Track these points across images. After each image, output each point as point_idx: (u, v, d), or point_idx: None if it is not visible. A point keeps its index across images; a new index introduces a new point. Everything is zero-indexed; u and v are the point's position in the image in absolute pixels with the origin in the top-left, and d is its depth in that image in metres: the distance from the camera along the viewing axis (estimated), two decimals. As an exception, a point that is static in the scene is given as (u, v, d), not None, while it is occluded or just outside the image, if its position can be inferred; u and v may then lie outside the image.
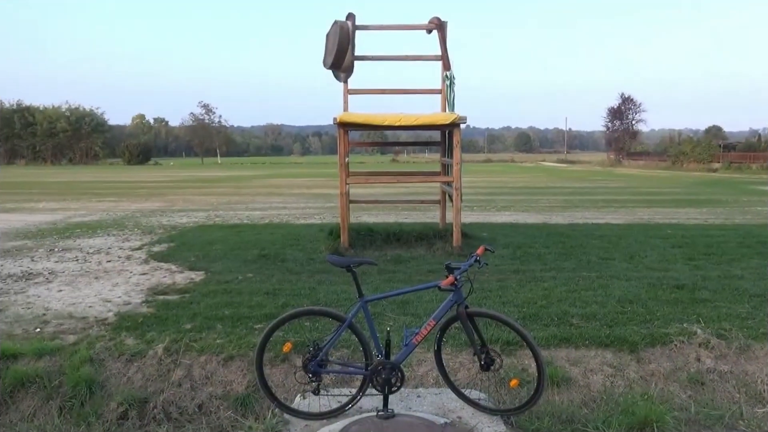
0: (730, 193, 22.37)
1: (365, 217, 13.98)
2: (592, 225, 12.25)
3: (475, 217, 14.12)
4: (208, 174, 45.18)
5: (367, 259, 3.94)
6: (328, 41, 9.28)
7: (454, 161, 8.76)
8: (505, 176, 38.65)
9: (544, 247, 9.37)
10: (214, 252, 9.22)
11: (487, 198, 20.10)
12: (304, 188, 26.66)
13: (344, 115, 8.63)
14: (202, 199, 20.28)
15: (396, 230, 9.62)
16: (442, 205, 10.54)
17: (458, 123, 8.52)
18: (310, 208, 17.03)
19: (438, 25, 9.33)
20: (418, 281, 7.05)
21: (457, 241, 8.82)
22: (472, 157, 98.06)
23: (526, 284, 6.90)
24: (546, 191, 23.68)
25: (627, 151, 66.96)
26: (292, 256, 8.72)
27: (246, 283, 7.14)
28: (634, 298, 6.22)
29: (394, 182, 11.54)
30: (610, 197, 20.24)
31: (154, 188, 26.91)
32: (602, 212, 15.17)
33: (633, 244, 9.67)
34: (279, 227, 12.27)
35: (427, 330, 3.68)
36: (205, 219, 14.13)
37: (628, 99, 70.00)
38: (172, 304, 6.22)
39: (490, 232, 11.05)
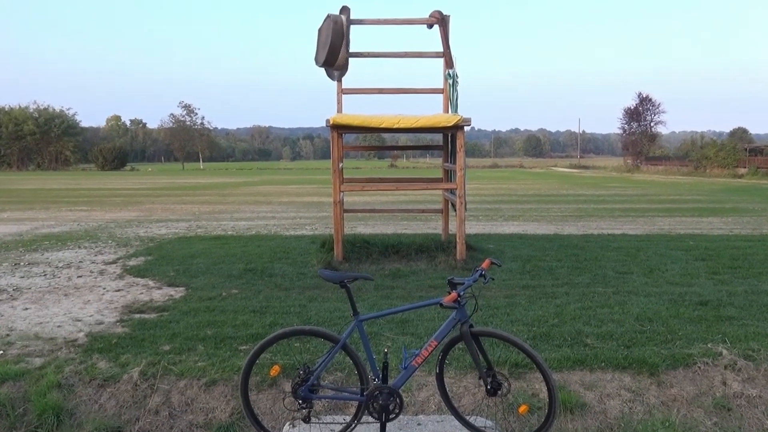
0: (758, 201, 22.45)
1: (361, 227, 13.97)
2: (608, 236, 12.28)
3: (481, 227, 14.13)
4: (190, 181, 45.15)
5: (363, 274, 3.94)
6: (321, 36, 9.33)
7: (458, 167, 8.78)
8: (513, 183, 38.75)
9: (556, 261, 9.37)
10: (196, 266, 9.20)
11: (494, 207, 20.13)
12: (294, 196, 26.67)
13: (338, 116, 8.66)
14: (183, 208, 20.27)
15: (394, 242, 9.61)
16: (444, 214, 10.55)
17: (462, 125, 8.56)
18: (301, 218, 17.03)
19: (440, 19, 9.39)
20: (418, 298, 7.03)
21: (461, 253, 8.82)
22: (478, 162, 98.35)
23: (537, 301, 6.89)
24: (557, 199, 23.74)
25: (645, 155, 67.25)
26: (281, 271, 8.71)
27: (230, 300, 7.11)
28: (654, 316, 6.21)
29: (392, 190, 11.57)
30: (628, 206, 20.29)
31: (130, 196, 26.89)
32: (619, 222, 15.20)
33: (652, 257, 9.68)
34: (267, 239, 12.26)
35: (428, 351, 3.67)
36: (186, 230, 14.12)
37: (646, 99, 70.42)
38: (149, 323, 6.19)
39: (497, 244, 11.05)
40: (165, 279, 8.35)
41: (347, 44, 9.24)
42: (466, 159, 8.95)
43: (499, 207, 19.99)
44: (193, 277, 8.45)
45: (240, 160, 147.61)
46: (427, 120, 8.58)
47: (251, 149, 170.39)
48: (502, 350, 5.10)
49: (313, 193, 28.36)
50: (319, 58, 9.33)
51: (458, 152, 8.74)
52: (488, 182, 39.18)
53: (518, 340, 3.76)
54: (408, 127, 8.58)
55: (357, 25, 9.51)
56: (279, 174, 63.60)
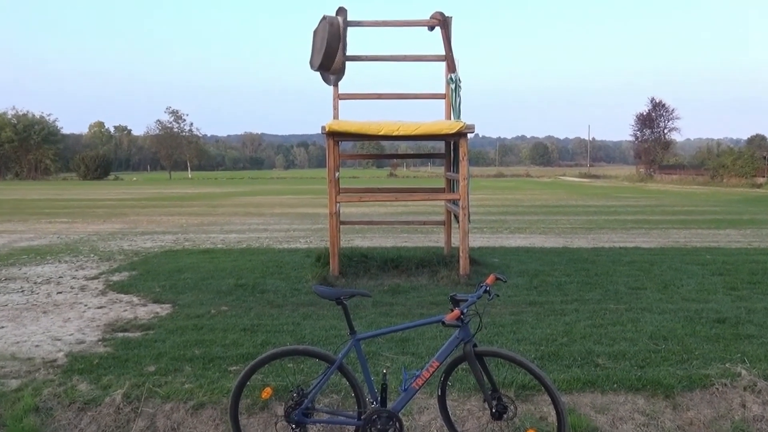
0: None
1: (358, 240, 13.98)
2: (620, 249, 12.29)
3: (485, 240, 14.15)
4: (177, 191, 45.19)
5: (361, 290, 3.95)
6: (316, 39, 9.39)
7: (461, 176, 8.81)
8: (519, 193, 38.82)
9: (565, 276, 9.38)
10: (183, 281, 9.19)
11: (499, 218, 20.16)
12: (287, 207, 26.69)
13: (334, 123, 8.70)
14: (170, 220, 20.27)
15: (394, 256, 9.61)
16: (446, 226, 10.57)
17: (465, 132, 8.59)
18: (295, 230, 17.04)
19: (441, 21, 9.46)
20: (419, 315, 7.03)
21: (464, 268, 8.82)
22: (482, 171, 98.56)
23: (544, 318, 6.88)
24: (566, 210, 23.77)
25: (659, 163, 67.45)
26: (273, 287, 8.70)
27: (220, 317, 7.10)
28: (669, 335, 6.21)
29: (391, 200, 11.60)
30: (641, 217, 20.33)
31: (113, 207, 26.89)
32: (631, 234, 15.22)
33: (667, 272, 9.68)
34: (258, 252, 12.26)
35: (430, 372, 3.67)
36: (173, 243, 14.12)
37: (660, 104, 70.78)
38: (133, 342, 6.17)
39: (502, 258, 11.06)
40: (150, 295, 8.34)
41: (344, 47, 9.30)
42: (470, 168, 8.98)
43: (505, 219, 20.02)
44: (180, 293, 8.44)
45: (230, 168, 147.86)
46: (428, 127, 8.61)
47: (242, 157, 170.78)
48: (507, 371, 5.09)
49: (308, 204, 28.38)
50: (314, 62, 9.38)
51: (461, 161, 8.77)
52: (493, 192, 39.26)
53: (525, 360, 3.76)
54: (408, 134, 8.61)
55: (354, 27, 9.57)
56: (272, 184, 63.64)
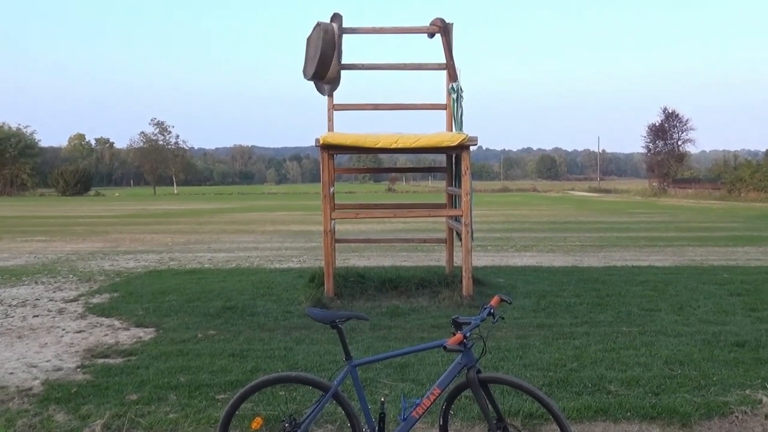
0: (800, 228, 22.55)
1: (354, 259, 13.97)
2: (633, 268, 12.30)
3: (490, 259, 14.15)
4: (162, 207, 45.18)
5: (357, 312, 3.95)
6: (310, 47, 9.45)
7: (463, 191, 8.84)
8: (525, 209, 38.88)
9: (575, 296, 9.38)
10: (168, 304, 9.17)
11: (504, 236, 20.17)
12: (279, 224, 26.69)
13: (329, 135, 8.73)
14: (154, 239, 20.25)
15: (392, 276, 9.60)
16: (448, 244, 10.57)
17: (467, 144, 8.63)
18: (287, 248, 17.03)
19: (442, 27, 9.54)
20: (419, 340, 7.02)
21: (468, 289, 8.82)
22: (486, 186, 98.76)
23: (553, 342, 6.88)
24: (576, 227, 23.80)
25: (673, 177, 67.66)
26: (264, 309, 8.68)
27: (207, 342, 7.08)
28: (685, 359, 6.20)
29: (389, 217, 11.61)
30: (654, 234, 20.36)
31: (94, 225, 26.87)
32: (644, 253, 15.24)
33: (682, 292, 9.69)
34: (248, 273, 12.25)
35: (431, 400, 3.66)
36: (157, 263, 14.09)
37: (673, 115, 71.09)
38: (114, 369, 6.15)
39: (508, 278, 11.06)
40: (133, 319, 8.31)
41: (339, 55, 9.36)
42: (473, 182, 9.01)
43: (510, 236, 20.03)
44: (164, 316, 8.42)
45: (219, 183, 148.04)
46: (428, 139, 8.65)
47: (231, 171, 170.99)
48: (513, 398, 5.08)
49: (301, 221, 28.38)
50: (307, 71, 9.43)
51: (464, 175, 8.80)
52: (498, 208, 39.31)
53: (532, 387, 3.75)
54: (407, 147, 8.64)
55: (350, 34, 9.65)
56: (263, 199, 63.68)
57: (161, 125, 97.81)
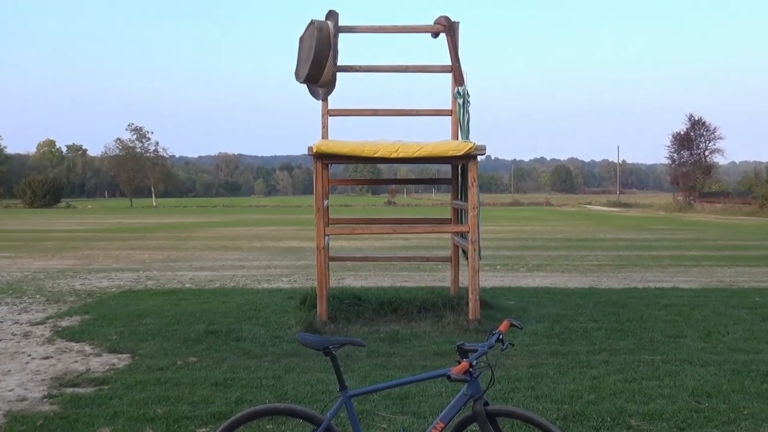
0: (839, 247, 22.55)
1: (350, 279, 13.95)
2: (655, 290, 12.29)
3: (499, 279, 14.14)
4: (139, 221, 45.17)
5: (353, 338, 3.94)
6: (303, 47, 9.50)
7: (470, 204, 8.84)
8: (538, 224, 38.90)
9: (592, 321, 9.36)
10: (145, 327, 9.14)
11: (515, 254, 20.17)
12: (268, 240, 26.68)
13: (323, 143, 8.75)
14: (130, 255, 20.23)
15: (392, 298, 9.58)
16: (453, 263, 10.57)
17: (475, 154, 8.65)
18: (277, 267, 17.01)
19: (447, 26, 9.59)
20: (421, 368, 6.99)
21: (474, 312, 8.80)
22: (495, 199, 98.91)
23: (568, 371, 6.86)
24: (593, 245, 23.81)
25: (699, 190, 67.73)
26: (250, 334, 8.66)
27: (187, 370, 7.05)
28: (713, 391, 6.18)
29: (389, 233, 11.62)
30: (679, 253, 20.36)
31: (64, 240, 26.85)
32: (668, 273, 15.24)
33: (710, 317, 9.68)
34: (234, 294, 12.22)
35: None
36: (134, 282, 14.07)
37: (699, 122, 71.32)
38: (84, 399, 6.12)
39: (519, 300, 11.04)
40: (106, 344, 8.28)
41: (335, 56, 9.40)
42: (481, 195, 9.02)
43: (522, 254, 20.03)
44: (140, 341, 8.38)
45: (202, 195, 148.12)
46: (432, 148, 8.67)
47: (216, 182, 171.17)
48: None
49: (292, 237, 28.38)
50: (300, 73, 9.48)
51: (470, 187, 8.81)
52: (508, 223, 39.34)
53: (545, 421, 3.73)
54: (409, 156, 8.66)
55: (347, 33, 9.70)
56: (250, 212, 63.67)
57: (139, 131, 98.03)
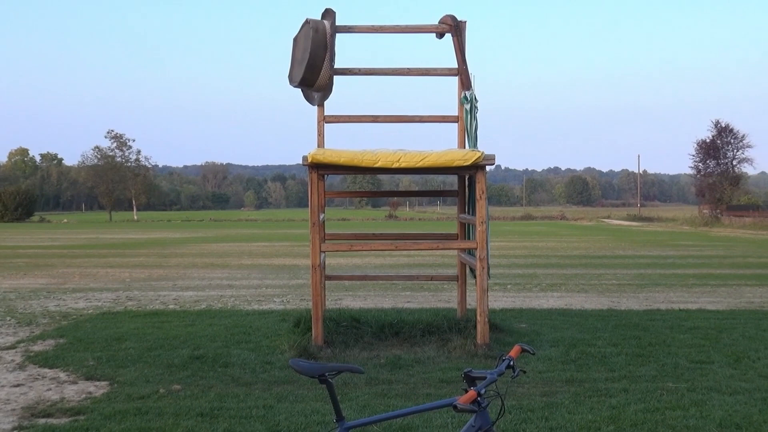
0: None
1: (348, 300, 13.93)
2: (680, 312, 12.27)
3: (510, 300, 14.12)
4: (119, 236, 45.16)
5: (351, 365, 3.93)
6: (297, 48, 9.54)
7: (478, 219, 8.85)
8: (552, 240, 38.88)
9: (611, 345, 9.34)
10: (125, 352, 9.12)
11: (527, 272, 20.15)
12: (259, 257, 26.67)
13: (318, 152, 8.77)
14: (109, 274, 20.22)
15: (393, 320, 9.56)
16: (460, 282, 10.56)
17: (483, 164, 8.66)
18: (268, 286, 16.99)
19: (453, 26, 9.63)
20: (425, 397, 6.97)
21: (483, 336, 8.78)
22: (505, 213, 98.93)
23: (585, 400, 6.83)
24: (612, 262, 23.79)
25: (726, 203, 67.77)
26: (239, 359, 8.64)
27: (170, 399, 7.03)
28: (743, 422, 6.16)
29: (390, 249, 11.60)
30: (705, 271, 20.34)
31: (37, 257, 26.83)
32: (694, 293, 15.21)
33: (739, 341, 9.66)
34: (221, 315, 12.20)
35: (439, 471, 3.63)
36: (113, 303, 14.06)
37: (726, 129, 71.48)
38: (58, 431, 6.10)
39: (531, 323, 11.02)
40: (82, 370, 8.25)
41: (331, 58, 9.44)
42: (490, 208, 9.03)
43: (534, 272, 20.00)
44: (120, 367, 8.36)
45: (187, 208, 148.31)
46: (436, 157, 8.69)
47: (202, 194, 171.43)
48: (538, 469, 5.04)
49: (285, 254, 28.36)
50: (294, 76, 9.50)
51: (478, 200, 8.82)
52: (519, 239, 39.32)
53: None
54: (411, 166, 8.67)
55: (345, 33, 9.74)
56: (239, 227, 63.67)
57: (119, 139, 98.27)
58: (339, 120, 9.91)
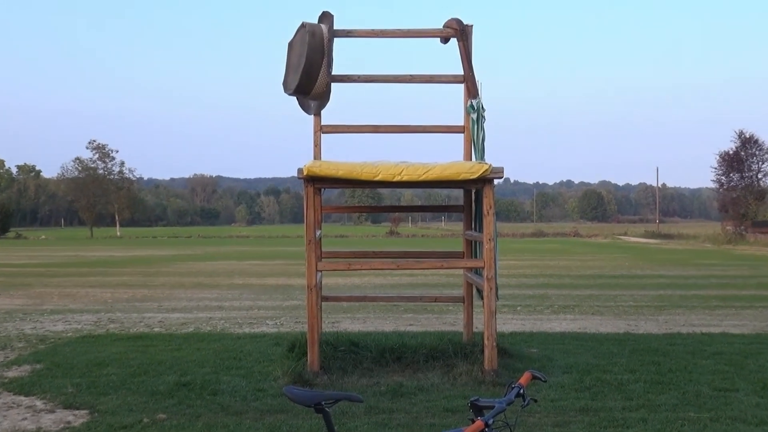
0: None
1: (347, 323, 13.91)
2: (702, 336, 12.25)
3: (520, 323, 14.10)
4: (101, 254, 45.16)
5: (349, 393, 3.93)
6: (292, 54, 9.57)
7: (485, 235, 8.85)
8: (565, 258, 38.86)
9: (628, 372, 9.32)
10: (106, 379, 9.10)
11: (538, 293, 20.13)
12: (251, 276, 26.66)
13: (315, 164, 8.78)
14: (90, 294, 20.19)
15: (395, 345, 9.54)
16: (466, 304, 10.54)
17: (491, 177, 8.67)
18: (261, 308, 16.97)
19: (458, 31, 9.66)
20: (428, 428, 6.96)
21: (491, 362, 8.76)
22: (515, 229, 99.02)
23: (601, 431, 6.81)
24: (629, 282, 23.76)
25: (751, 219, 67.69)
26: (229, 386, 8.62)
27: (155, 429, 7.01)
28: (772, 455, 6.14)
29: (391, 269, 11.60)
30: (729, 292, 20.30)
31: (13, 275, 26.82)
32: (717, 316, 15.19)
33: (766, 367, 9.63)
34: (210, 339, 12.19)
35: (443, 507, 3.62)
36: (94, 326, 14.04)
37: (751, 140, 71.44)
38: (35, 463, 6.08)
39: (543, 348, 11.00)
40: (60, 398, 8.24)
41: (329, 64, 9.47)
42: (498, 224, 9.03)
43: (546, 293, 19.98)
44: (101, 394, 8.35)
45: (174, 224, 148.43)
46: (441, 170, 8.70)
47: (191, 209, 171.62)
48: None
49: (279, 273, 28.34)
50: (289, 83, 9.53)
51: (486, 215, 8.82)
52: (530, 257, 39.30)
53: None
54: (414, 179, 8.68)
55: (344, 38, 9.78)
56: (230, 244, 63.70)
57: (102, 149, 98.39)
58: (337, 130, 9.93)
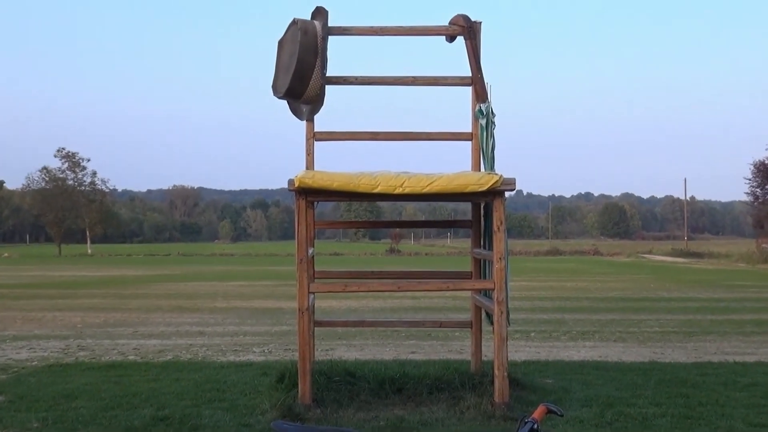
0: None
1: (342, 350, 13.88)
2: (735, 365, 12.23)
3: (534, 351, 14.08)
4: (71, 273, 45.13)
5: (344, 428, 3.93)
6: (283, 53, 9.60)
7: (495, 254, 8.85)
8: (583, 279, 38.85)
9: (653, 405, 9.30)
10: (75, 413, 9.07)
11: (554, 317, 20.12)
12: (235, 299, 26.64)
13: (307, 174, 8.79)
14: (58, 318, 20.16)
15: (395, 375, 9.53)
16: (474, 330, 10.53)
17: (502, 189, 8.68)
18: (246, 333, 16.96)
19: (466, 28, 9.70)
20: (433, 466, 6.94)
21: (502, 394, 8.74)
22: (528, 246, 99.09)
23: (624, 472, 6.81)
24: (655, 306, 23.76)
25: (790, 235, 67.78)
26: (211, 420, 8.60)
27: (129, 468, 7.00)
28: (814, 498, 6.13)
29: (392, 290, 11.59)
30: (765, 316, 20.29)
31: (-26, 298, 26.79)
32: (752, 343, 15.17)
33: (808, 400, 9.62)
34: (191, 368, 12.16)
35: None
36: (62, 353, 14.01)
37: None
38: (-5, 506, 6.08)
39: (559, 378, 10.98)
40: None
41: (323, 65, 9.50)
42: (510, 241, 9.04)
43: (563, 318, 19.97)
44: (70, 430, 8.33)
45: (151, 240, 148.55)
46: (447, 181, 8.71)
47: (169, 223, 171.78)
48: None
49: (267, 295, 28.33)
50: (280, 86, 9.55)
51: (496, 231, 8.83)
52: (544, 278, 39.29)
53: None
54: (417, 192, 8.69)
55: (339, 36, 9.81)
56: (213, 263, 63.69)
57: (71, 158, 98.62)
58: (332, 137, 9.95)
